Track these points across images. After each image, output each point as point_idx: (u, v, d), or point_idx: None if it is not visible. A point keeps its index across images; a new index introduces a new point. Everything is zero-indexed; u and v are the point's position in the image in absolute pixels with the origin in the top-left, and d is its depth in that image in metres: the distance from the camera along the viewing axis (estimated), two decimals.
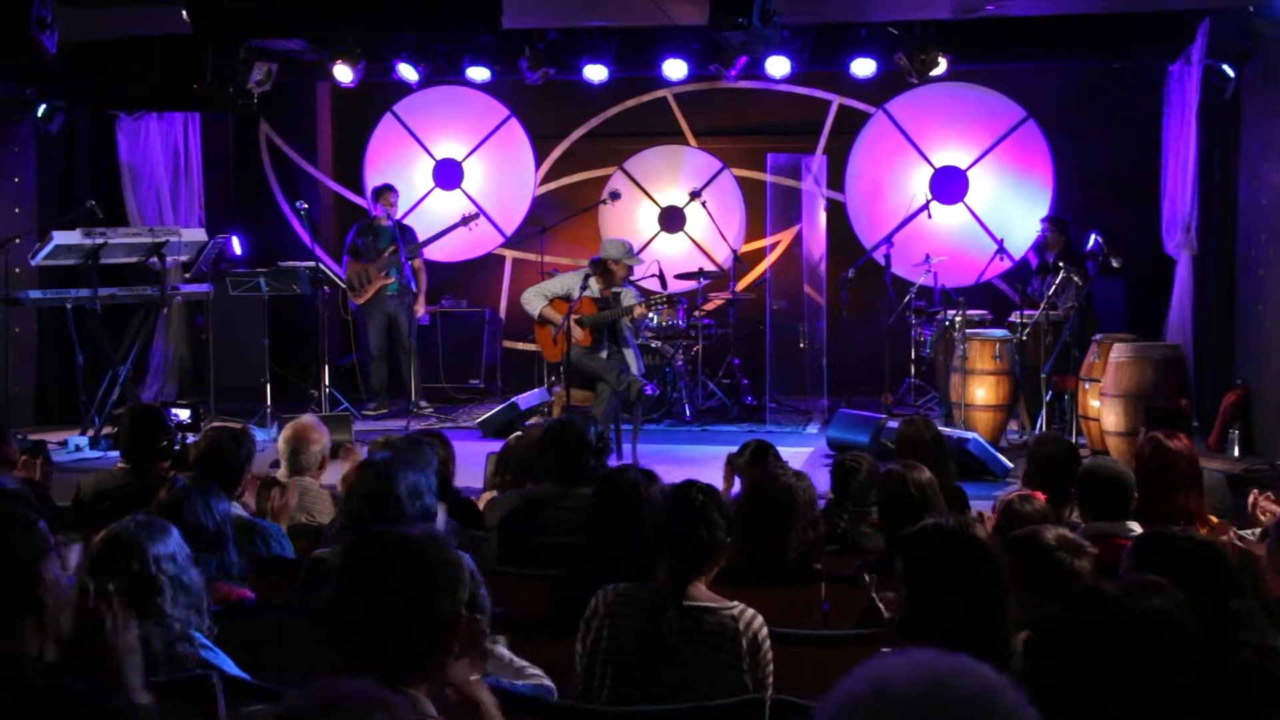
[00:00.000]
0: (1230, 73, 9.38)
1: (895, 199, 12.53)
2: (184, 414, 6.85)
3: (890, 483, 4.55)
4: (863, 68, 11.23)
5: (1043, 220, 11.37)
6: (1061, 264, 9.65)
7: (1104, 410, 8.34)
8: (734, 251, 11.83)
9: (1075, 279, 9.43)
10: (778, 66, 11.23)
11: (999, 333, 9.66)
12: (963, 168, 12.45)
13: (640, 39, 11.41)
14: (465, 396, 12.19)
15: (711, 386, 11.51)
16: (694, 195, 12.01)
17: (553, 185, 13.17)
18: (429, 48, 11.50)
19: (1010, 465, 8.44)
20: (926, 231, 12.05)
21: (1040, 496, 5.30)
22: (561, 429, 4.82)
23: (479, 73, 11.68)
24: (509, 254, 13.20)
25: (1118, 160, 12.14)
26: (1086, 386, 9.04)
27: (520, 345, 12.84)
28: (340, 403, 11.04)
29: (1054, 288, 9.81)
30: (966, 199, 12.38)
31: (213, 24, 7.68)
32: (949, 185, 12.44)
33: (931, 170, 12.51)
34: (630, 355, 9.27)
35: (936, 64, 9.95)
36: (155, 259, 9.94)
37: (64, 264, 9.70)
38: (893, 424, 9.16)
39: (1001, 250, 11.30)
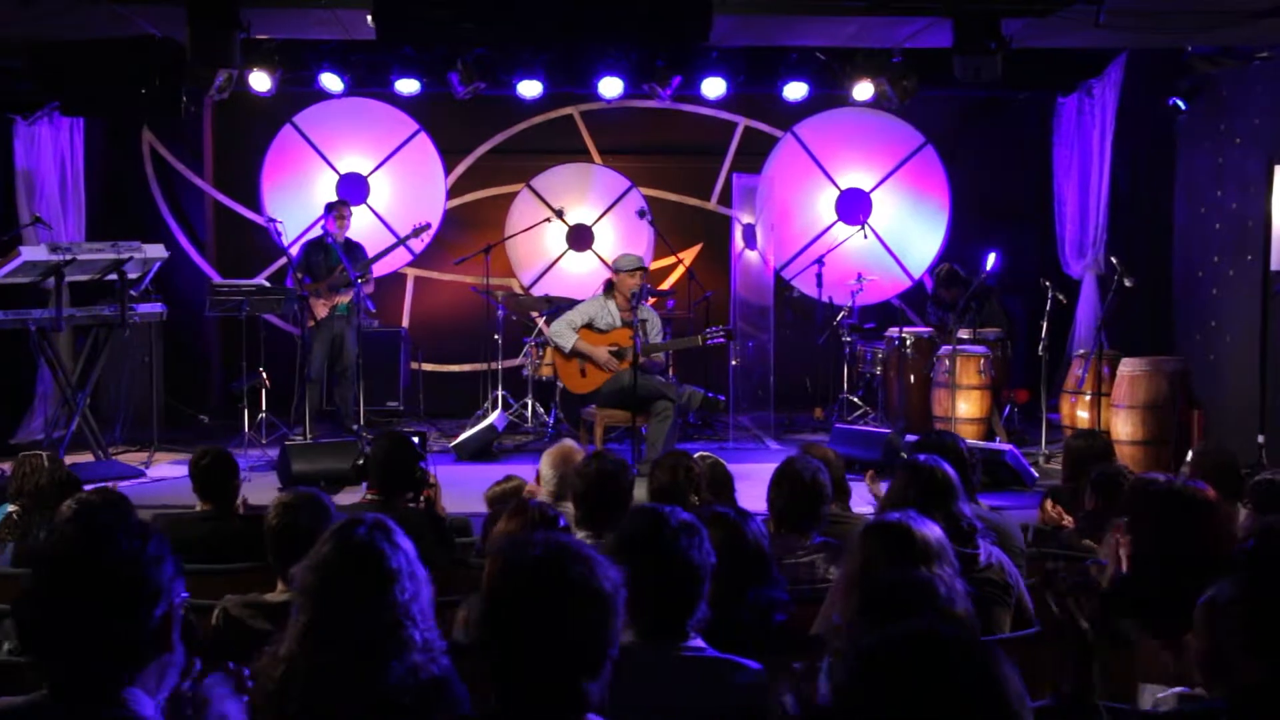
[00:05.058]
0: (1183, 105, 10.10)
1: (803, 220, 12.87)
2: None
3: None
4: (794, 91, 11.53)
5: (934, 274, 11.80)
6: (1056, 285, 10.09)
7: (1117, 421, 8.84)
8: (692, 275, 11.81)
9: (1063, 296, 9.96)
10: (713, 88, 11.37)
11: (979, 349, 10.08)
12: (866, 190, 12.91)
13: (572, 56, 11.32)
14: (383, 419, 11.72)
15: None
16: (641, 213, 11.96)
17: (456, 202, 12.85)
18: (351, 58, 11.10)
19: (1037, 475, 8.83)
20: (832, 251, 12.37)
21: None
22: (937, 445, 4.74)
23: (408, 85, 11.32)
24: (411, 272, 12.78)
25: (1006, 185, 12.87)
26: (1073, 400, 9.55)
27: (429, 367, 12.44)
28: (278, 428, 10.47)
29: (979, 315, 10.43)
30: (870, 220, 12.82)
31: (403, 29, 7.14)
32: (853, 206, 12.87)
33: (837, 192, 12.91)
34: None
35: (917, 90, 10.30)
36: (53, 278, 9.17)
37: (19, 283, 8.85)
38: (912, 437, 9.44)
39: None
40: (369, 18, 6.92)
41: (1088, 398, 9.38)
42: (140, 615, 2.24)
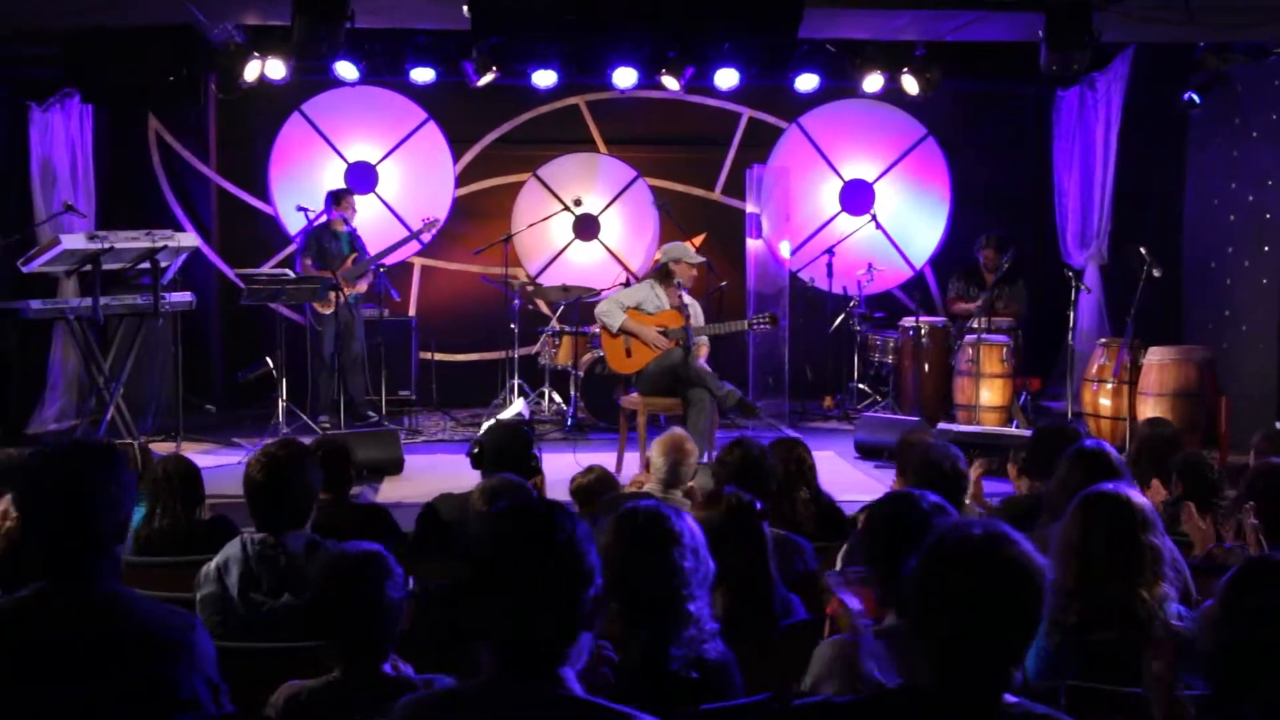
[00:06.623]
0: (1197, 100, 10.29)
1: (808, 210, 12.99)
2: None
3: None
4: (805, 83, 11.67)
5: (989, 237, 11.84)
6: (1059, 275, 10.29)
7: (1145, 409, 9.02)
8: (710, 266, 11.82)
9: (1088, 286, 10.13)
10: (726, 79, 11.46)
11: (1001, 338, 10.25)
12: (870, 180, 13.06)
13: (587, 46, 11.35)
14: (396, 408, 11.69)
15: None
16: (661, 206, 12.03)
17: (462, 191, 12.83)
18: (367, 46, 11.07)
19: None
20: (833, 240, 12.47)
21: None
22: (1059, 434, 4.85)
23: (423, 73, 11.34)
24: (418, 261, 12.75)
25: (1006, 176, 13.07)
26: (1095, 387, 9.73)
27: (440, 356, 12.41)
28: (299, 417, 10.44)
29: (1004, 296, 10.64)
30: (873, 210, 12.95)
31: (497, 21, 7.10)
32: (857, 197, 13.02)
33: (841, 183, 13.05)
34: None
35: (939, 82, 10.43)
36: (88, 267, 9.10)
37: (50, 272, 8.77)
38: (944, 425, 9.58)
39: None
40: (464, 8, 6.91)
41: (1109, 385, 9.56)
42: (580, 595, 2.30)
